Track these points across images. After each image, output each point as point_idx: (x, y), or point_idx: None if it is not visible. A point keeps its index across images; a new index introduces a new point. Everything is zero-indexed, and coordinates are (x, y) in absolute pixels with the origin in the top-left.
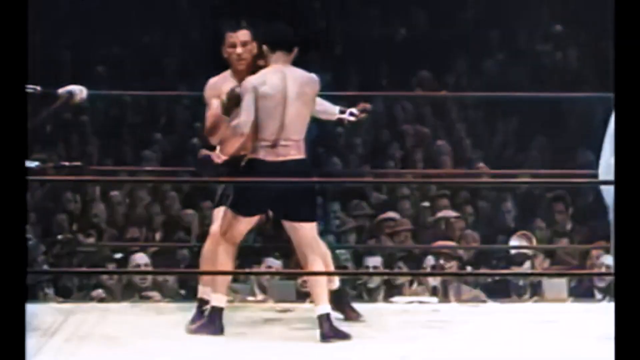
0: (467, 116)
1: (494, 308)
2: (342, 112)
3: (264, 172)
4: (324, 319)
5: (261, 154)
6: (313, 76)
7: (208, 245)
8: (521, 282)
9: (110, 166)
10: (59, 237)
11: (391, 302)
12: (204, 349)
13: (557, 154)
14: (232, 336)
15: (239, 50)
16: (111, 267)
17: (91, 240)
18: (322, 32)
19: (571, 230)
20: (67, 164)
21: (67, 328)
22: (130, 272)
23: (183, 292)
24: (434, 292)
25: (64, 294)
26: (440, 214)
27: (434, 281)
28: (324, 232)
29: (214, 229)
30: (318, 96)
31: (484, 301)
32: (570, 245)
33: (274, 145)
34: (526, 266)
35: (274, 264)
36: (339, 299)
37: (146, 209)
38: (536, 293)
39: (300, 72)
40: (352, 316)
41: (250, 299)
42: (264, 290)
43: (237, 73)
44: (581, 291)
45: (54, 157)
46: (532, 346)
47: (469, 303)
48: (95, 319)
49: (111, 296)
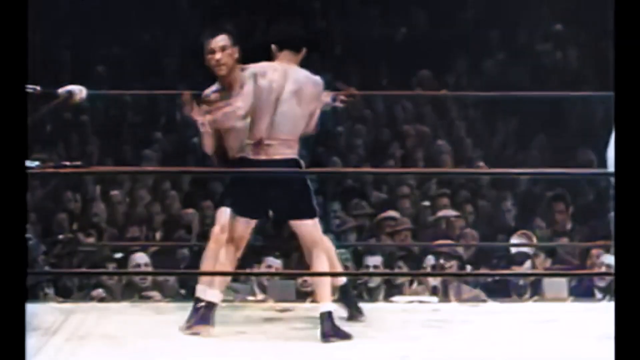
0: (467, 115)
1: (494, 307)
2: (333, 100)
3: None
4: (325, 317)
5: (248, 152)
6: (317, 79)
7: (210, 245)
8: (521, 282)
9: (110, 166)
10: (60, 237)
11: (391, 302)
12: (203, 348)
13: (557, 153)
14: (232, 335)
15: (217, 56)
16: (111, 266)
17: (91, 239)
18: (322, 32)
19: (571, 229)
20: (67, 163)
21: (68, 328)
22: (130, 273)
23: (183, 291)
24: (434, 291)
25: (64, 294)
26: (441, 213)
27: (434, 281)
28: (324, 232)
29: (216, 229)
30: None
31: (484, 301)
32: (571, 243)
33: (260, 143)
34: (526, 266)
35: (274, 263)
36: (346, 295)
37: (146, 208)
38: (536, 292)
39: (302, 73)
40: (356, 315)
41: (250, 298)
42: (264, 289)
43: (219, 79)
44: (581, 291)
45: (54, 157)
46: (533, 346)
47: (469, 302)
48: (96, 319)
49: (111, 296)
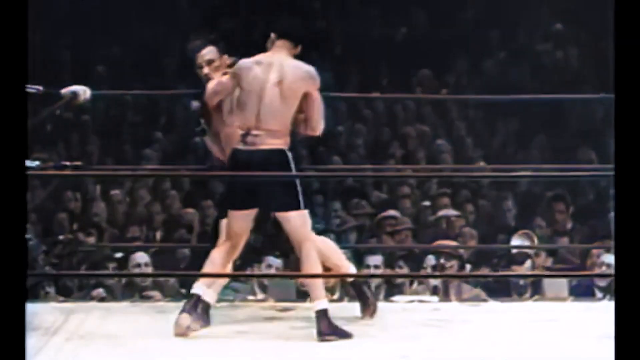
0: (467, 115)
1: (494, 307)
2: None
3: (238, 161)
4: (321, 315)
5: (237, 143)
6: (308, 69)
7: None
8: (522, 281)
9: (110, 165)
10: (60, 237)
11: (392, 301)
12: (204, 348)
13: (558, 153)
14: (233, 335)
15: (205, 70)
16: (112, 266)
17: (92, 239)
18: (322, 32)
19: (571, 229)
20: (67, 163)
21: (68, 327)
22: (130, 275)
23: (184, 291)
24: (434, 291)
25: (65, 293)
26: (441, 212)
27: (434, 280)
28: (324, 232)
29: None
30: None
31: (484, 300)
32: (572, 245)
33: (248, 134)
34: (527, 265)
35: (275, 262)
36: (358, 290)
37: (147, 208)
38: (537, 292)
39: (294, 64)
40: (368, 311)
41: (250, 298)
42: (264, 289)
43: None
44: (582, 290)
45: (54, 157)
46: (533, 345)
47: (470, 302)
48: (96, 319)
49: (112, 295)
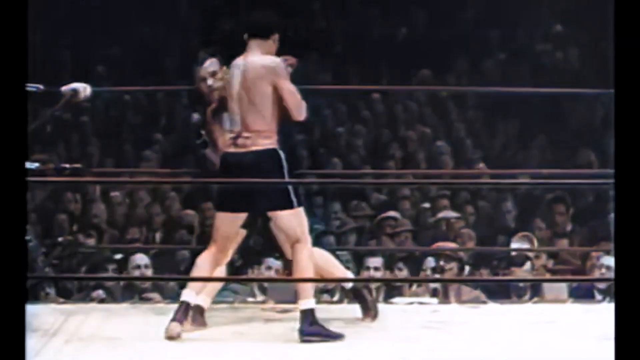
0: (467, 116)
1: (494, 309)
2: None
3: (229, 164)
4: (306, 314)
5: (228, 146)
6: (267, 60)
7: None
8: (521, 283)
9: (110, 167)
10: (60, 238)
11: (391, 303)
12: (203, 349)
13: (558, 153)
14: (232, 337)
15: (209, 82)
16: (111, 267)
17: (91, 240)
18: (322, 32)
19: (571, 231)
20: (67, 166)
21: (68, 329)
22: (130, 279)
23: None
24: (434, 292)
25: (65, 295)
26: (441, 214)
27: None
28: (324, 233)
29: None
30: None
31: (484, 302)
32: (572, 247)
33: (238, 136)
34: (527, 267)
35: (274, 264)
36: (357, 294)
37: (146, 209)
38: (536, 294)
39: (256, 60)
40: (369, 315)
41: (250, 299)
42: (264, 291)
43: (216, 103)
44: (581, 292)
45: (54, 158)
46: (533, 347)
47: (469, 304)
48: (96, 320)
49: (111, 297)
